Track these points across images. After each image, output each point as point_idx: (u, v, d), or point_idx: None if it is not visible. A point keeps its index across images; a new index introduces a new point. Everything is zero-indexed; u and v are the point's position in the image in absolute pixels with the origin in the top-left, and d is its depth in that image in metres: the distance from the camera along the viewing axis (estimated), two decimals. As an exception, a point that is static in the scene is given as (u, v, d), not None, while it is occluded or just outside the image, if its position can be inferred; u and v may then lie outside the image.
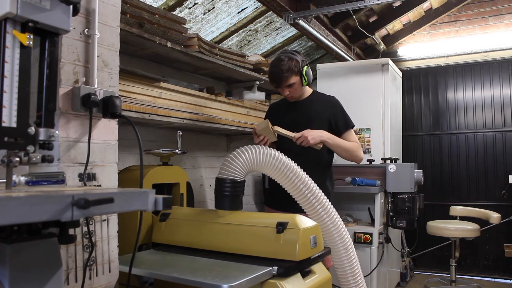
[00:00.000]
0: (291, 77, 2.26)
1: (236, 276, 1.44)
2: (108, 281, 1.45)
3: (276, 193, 2.38)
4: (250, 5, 3.24)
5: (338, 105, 2.41)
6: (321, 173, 2.34)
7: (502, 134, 4.54)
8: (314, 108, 2.38)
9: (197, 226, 1.87)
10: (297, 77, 2.28)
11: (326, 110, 2.36)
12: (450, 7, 4.77)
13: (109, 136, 1.47)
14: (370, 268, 3.18)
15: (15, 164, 0.94)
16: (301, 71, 2.27)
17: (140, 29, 2.21)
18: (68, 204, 0.79)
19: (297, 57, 2.28)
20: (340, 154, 2.35)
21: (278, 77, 2.27)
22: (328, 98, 2.45)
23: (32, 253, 0.92)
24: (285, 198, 2.23)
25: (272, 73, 2.31)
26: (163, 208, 0.98)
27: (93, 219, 1.40)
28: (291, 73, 2.25)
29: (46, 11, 0.98)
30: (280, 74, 2.25)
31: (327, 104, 2.40)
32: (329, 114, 2.35)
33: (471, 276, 4.40)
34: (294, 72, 2.25)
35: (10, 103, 0.94)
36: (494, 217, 3.72)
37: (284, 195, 2.27)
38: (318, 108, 2.37)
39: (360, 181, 3.33)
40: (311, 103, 2.40)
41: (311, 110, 2.37)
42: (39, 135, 1.01)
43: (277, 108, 2.55)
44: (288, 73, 2.24)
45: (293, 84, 2.28)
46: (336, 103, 2.42)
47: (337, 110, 2.39)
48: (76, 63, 1.37)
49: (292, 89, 2.30)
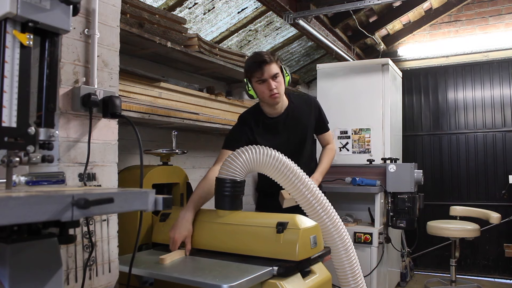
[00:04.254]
0: (275, 65, 2.07)
1: (236, 276, 1.44)
2: (108, 281, 1.45)
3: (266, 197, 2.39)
4: (250, 5, 3.23)
5: (318, 104, 2.33)
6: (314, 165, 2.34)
7: (502, 134, 4.54)
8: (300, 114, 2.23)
9: (197, 226, 1.87)
10: (279, 69, 2.11)
11: (311, 112, 2.26)
12: (450, 7, 4.77)
13: (109, 136, 1.47)
14: (370, 268, 3.18)
15: (15, 164, 0.94)
16: (281, 66, 2.13)
17: (140, 29, 2.22)
18: (68, 204, 0.79)
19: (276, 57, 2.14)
20: None
21: (262, 63, 2.05)
22: (307, 99, 2.35)
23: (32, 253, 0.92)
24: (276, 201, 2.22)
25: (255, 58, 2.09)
26: (163, 208, 0.98)
27: (93, 219, 1.40)
28: (274, 61, 2.07)
29: (46, 11, 0.97)
30: (264, 60, 2.05)
31: (310, 105, 2.28)
32: (314, 115, 2.28)
33: (471, 276, 4.39)
34: (277, 62, 2.09)
35: (10, 103, 0.94)
36: (494, 217, 3.72)
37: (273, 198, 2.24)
38: (303, 113, 2.24)
39: (360, 181, 3.33)
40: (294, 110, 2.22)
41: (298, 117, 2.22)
42: (39, 135, 1.00)
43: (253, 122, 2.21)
44: (272, 60, 2.06)
45: (277, 75, 2.08)
46: (316, 103, 2.33)
47: (319, 109, 2.31)
48: (76, 63, 1.37)
49: (277, 82, 2.08)
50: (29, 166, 1.11)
